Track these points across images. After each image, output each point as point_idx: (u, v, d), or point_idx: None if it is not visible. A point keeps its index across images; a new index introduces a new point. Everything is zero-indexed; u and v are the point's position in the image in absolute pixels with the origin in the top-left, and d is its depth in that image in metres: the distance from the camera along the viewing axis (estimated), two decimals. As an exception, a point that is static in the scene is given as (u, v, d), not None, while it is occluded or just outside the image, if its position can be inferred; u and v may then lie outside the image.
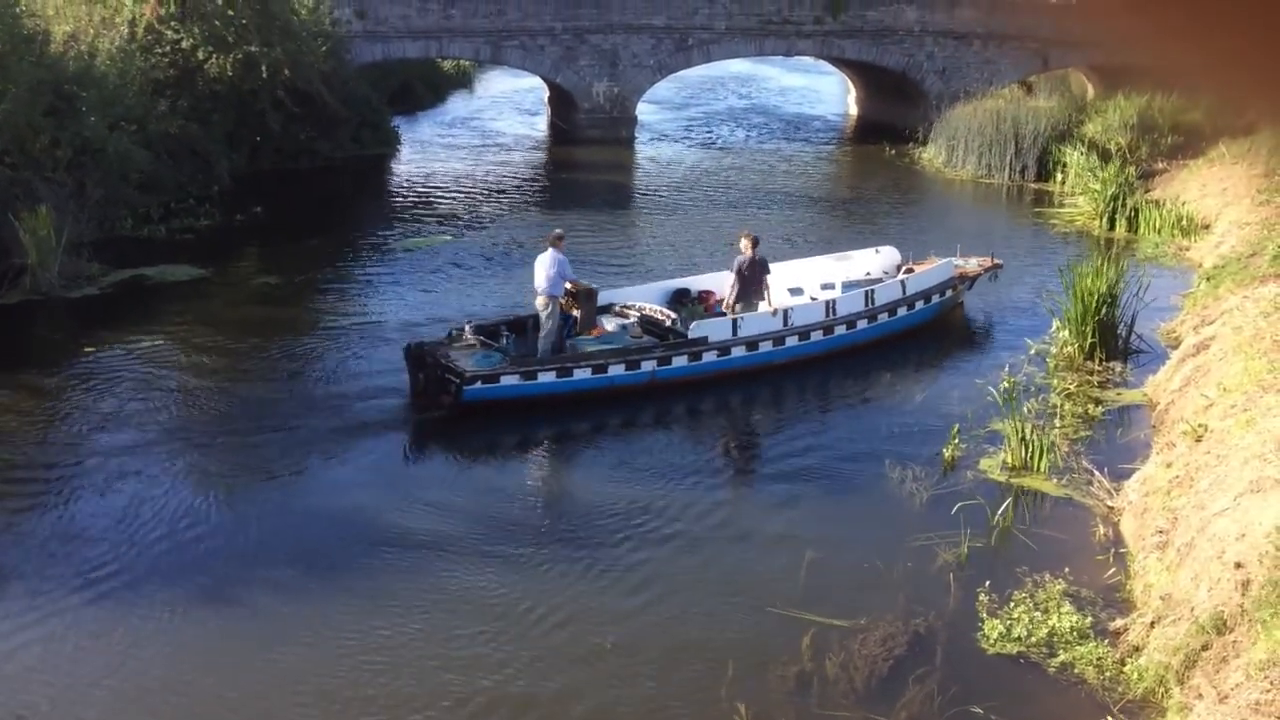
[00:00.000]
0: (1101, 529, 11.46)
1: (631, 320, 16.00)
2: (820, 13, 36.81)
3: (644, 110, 38.30)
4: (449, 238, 23.76)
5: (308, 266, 21.25)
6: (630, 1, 35.88)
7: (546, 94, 41.65)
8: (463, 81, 49.11)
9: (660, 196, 28.97)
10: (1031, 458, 12.87)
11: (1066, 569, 10.48)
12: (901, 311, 17.22)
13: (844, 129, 42.54)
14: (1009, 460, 12.94)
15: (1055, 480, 12.60)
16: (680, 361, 15.30)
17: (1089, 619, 9.69)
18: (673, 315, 16.19)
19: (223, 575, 10.56)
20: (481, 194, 28.69)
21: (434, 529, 11.48)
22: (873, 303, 16.89)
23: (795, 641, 9.41)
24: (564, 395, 14.63)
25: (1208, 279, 18.42)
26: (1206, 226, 23.64)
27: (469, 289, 20.01)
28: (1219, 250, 20.68)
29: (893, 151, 34.32)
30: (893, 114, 38.23)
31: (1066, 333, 16.39)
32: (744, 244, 16.11)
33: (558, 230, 16.03)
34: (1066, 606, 9.86)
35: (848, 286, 17.25)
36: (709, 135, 39.06)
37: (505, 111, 43.16)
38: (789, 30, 36.67)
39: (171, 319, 18.07)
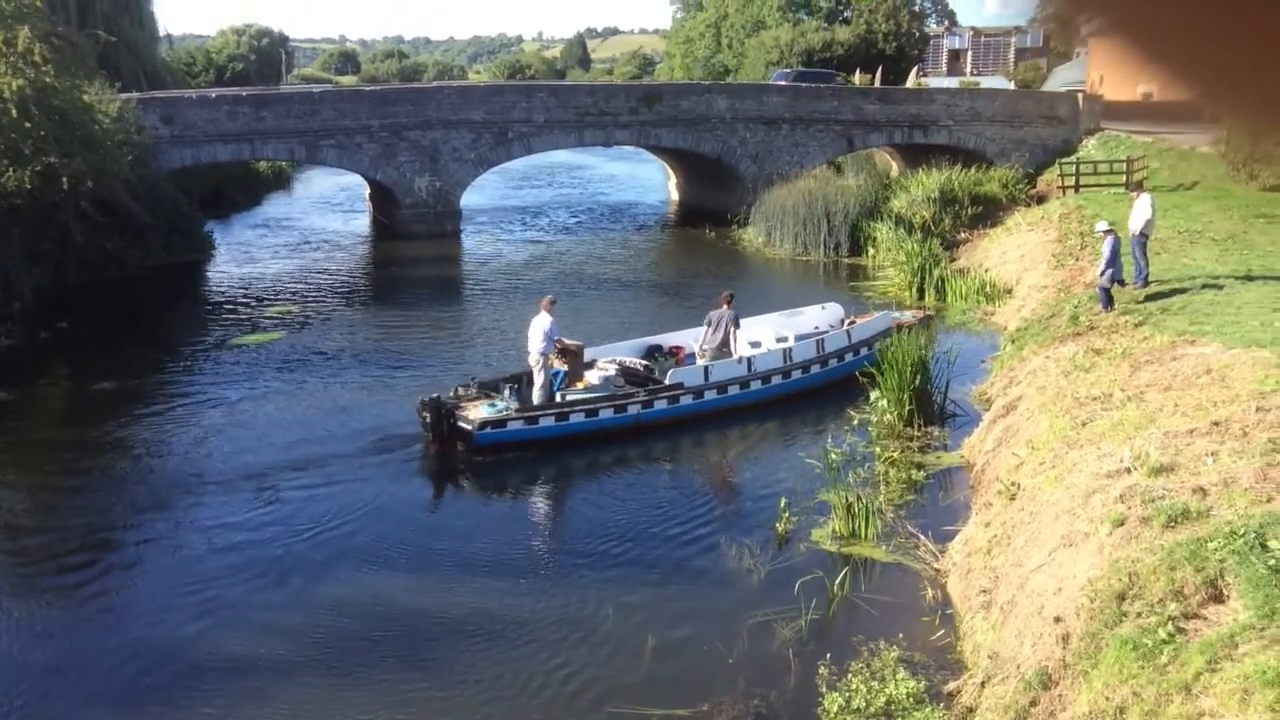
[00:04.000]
0: (930, 591, 11.74)
1: (613, 372, 17.72)
2: (635, 103, 37.79)
3: (469, 202, 38.39)
4: (280, 335, 23.28)
5: (121, 378, 20.32)
6: (447, 98, 36.13)
7: (367, 191, 41.39)
8: (280, 183, 48.48)
9: (488, 287, 28.96)
10: (860, 526, 13.16)
11: (900, 634, 10.67)
12: (849, 357, 19.22)
13: (667, 214, 43.56)
14: (838, 530, 13.18)
15: (884, 547, 12.88)
16: (661, 405, 17.20)
17: (924, 683, 9.84)
18: (647, 363, 18.38)
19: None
20: (304, 293, 28.12)
21: (256, 641, 10.97)
22: (823, 350, 19.02)
23: (639, 736, 9.28)
24: (562, 437, 16.44)
25: (1012, 341, 19.35)
26: (1009, 291, 24.93)
27: (296, 386, 19.51)
28: (1021, 313, 21.79)
29: (714, 234, 35.25)
30: (712, 198, 39.34)
31: (884, 401, 16.91)
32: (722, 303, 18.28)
33: (550, 296, 17.64)
34: (902, 673, 10.00)
35: (800, 338, 19.40)
36: (536, 224, 39.37)
37: (325, 210, 42.66)
38: (606, 121, 37.48)
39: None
